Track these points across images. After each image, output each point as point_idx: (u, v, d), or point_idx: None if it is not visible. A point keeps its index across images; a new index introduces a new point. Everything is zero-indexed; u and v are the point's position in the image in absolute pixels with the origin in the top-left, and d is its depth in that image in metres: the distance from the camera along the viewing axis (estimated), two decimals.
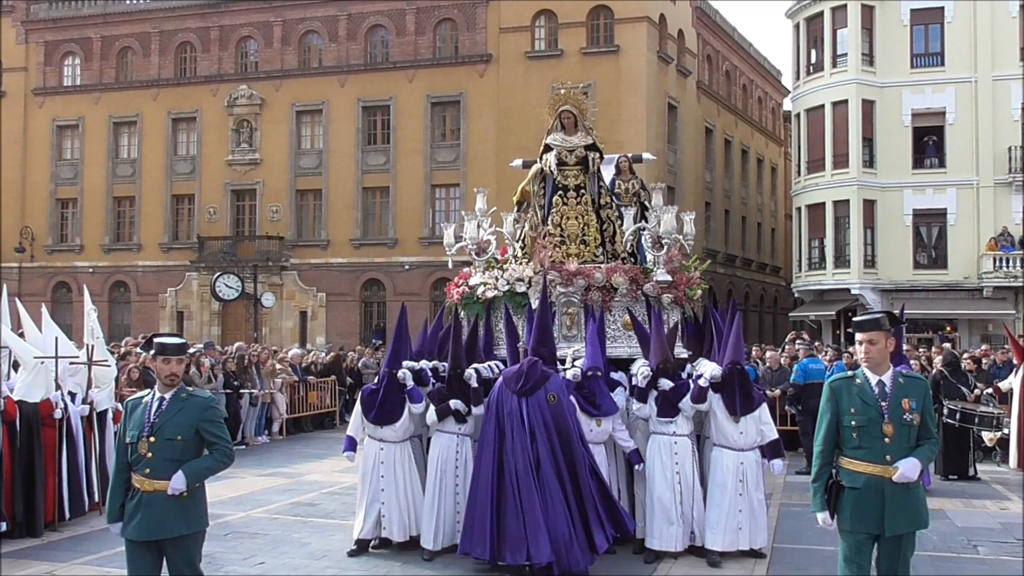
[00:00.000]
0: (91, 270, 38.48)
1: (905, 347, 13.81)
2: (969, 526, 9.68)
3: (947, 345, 19.45)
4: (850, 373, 5.27)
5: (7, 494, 8.56)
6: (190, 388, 5.28)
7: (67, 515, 9.30)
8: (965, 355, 15.74)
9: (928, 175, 30.88)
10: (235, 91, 37.28)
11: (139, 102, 38.65)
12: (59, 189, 39.92)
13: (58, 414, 9.06)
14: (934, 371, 13.43)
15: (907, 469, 4.95)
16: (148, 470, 5.01)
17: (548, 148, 10.11)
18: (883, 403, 5.01)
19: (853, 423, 5.02)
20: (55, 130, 39.95)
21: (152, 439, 5.01)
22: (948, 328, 30.46)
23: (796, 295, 35.09)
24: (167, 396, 5.12)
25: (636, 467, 8.28)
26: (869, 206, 31.04)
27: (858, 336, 5.17)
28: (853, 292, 30.85)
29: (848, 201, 31.10)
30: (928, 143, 31.08)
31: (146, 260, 38.45)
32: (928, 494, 11.18)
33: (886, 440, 4.98)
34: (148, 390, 5.26)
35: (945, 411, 12.41)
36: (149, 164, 38.48)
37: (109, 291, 38.33)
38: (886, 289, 30.60)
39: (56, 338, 9.31)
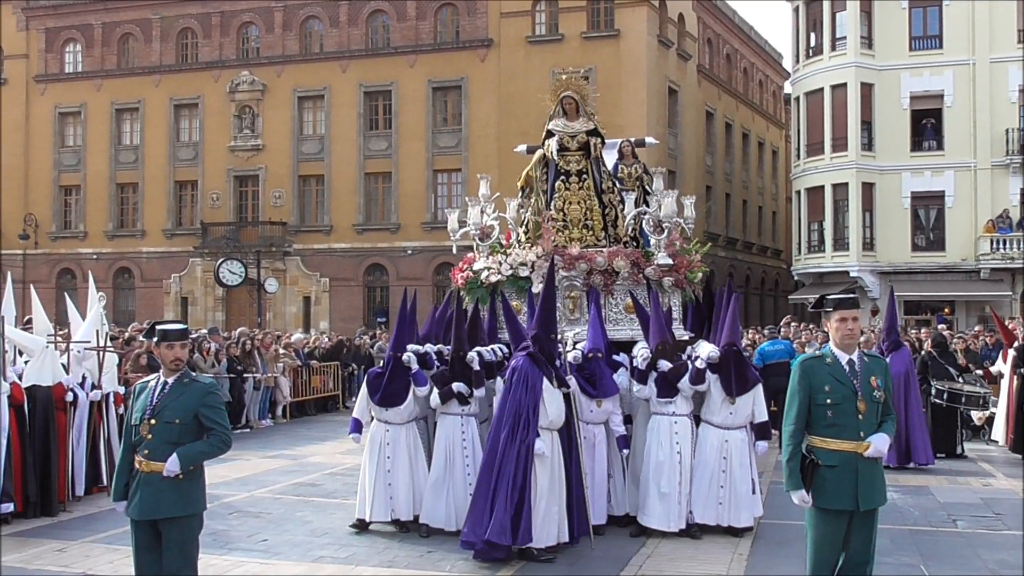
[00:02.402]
0: (95, 256, 38.76)
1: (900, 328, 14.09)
2: (951, 501, 9.96)
3: (942, 326, 19.69)
4: (818, 352, 5.44)
5: (16, 476, 8.84)
6: (193, 373, 5.45)
7: (73, 495, 9.61)
8: (956, 337, 15.98)
9: (926, 158, 30.99)
10: (237, 77, 37.42)
11: (141, 88, 38.80)
12: (62, 176, 40.17)
13: (70, 397, 9.33)
14: (923, 352, 13.66)
15: (879, 444, 5.14)
16: (147, 451, 5.17)
17: (550, 134, 10.31)
18: (855, 381, 5.18)
19: (828, 401, 5.15)
20: (57, 117, 40.14)
21: (153, 421, 5.18)
22: (946, 310, 30.67)
23: (796, 278, 35.31)
24: (170, 380, 5.30)
25: (622, 452, 8.49)
26: (868, 189, 31.20)
27: (841, 313, 5.23)
28: (852, 275, 31.06)
29: (847, 184, 31.25)
30: (926, 126, 31.18)
31: (150, 246, 38.72)
32: (918, 471, 11.53)
33: (859, 417, 5.15)
34: (155, 374, 5.45)
35: (933, 391, 12.65)
36: (151, 151, 38.68)
37: (113, 277, 38.62)
38: (884, 271, 30.80)
39: (70, 323, 9.63)
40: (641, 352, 8.47)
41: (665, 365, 8.30)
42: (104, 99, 39.30)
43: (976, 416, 13.91)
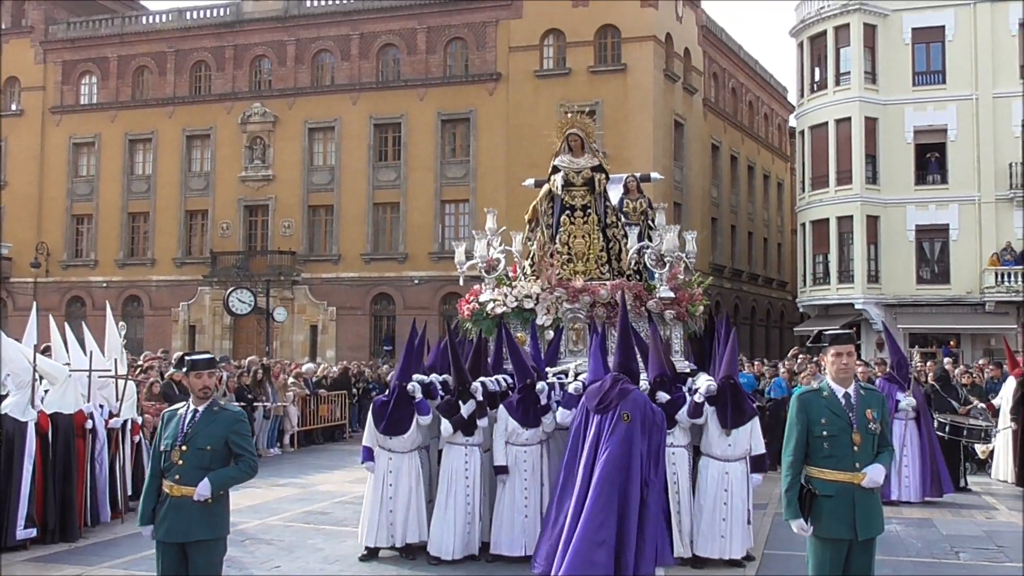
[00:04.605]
0: (105, 284, 39.16)
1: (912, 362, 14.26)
2: (954, 534, 10.09)
3: (947, 360, 19.78)
4: (816, 386, 5.65)
5: (37, 502, 9.03)
6: (222, 402, 5.73)
7: (90, 522, 9.78)
8: (959, 370, 16.11)
9: (930, 191, 31.24)
10: (249, 108, 37.98)
11: (154, 120, 39.39)
12: (75, 205, 40.68)
13: (89, 425, 9.56)
14: (926, 385, 13.80)
15: (875, 474, 5.34)
16: (178, 476, 5.42)
17: (556, 169, 10.62)
18: (850, 414, 5.38)
19: (824, 433, 5.36)
20: (71, 147, 40.75)
21: (184, 448, 5.44)
22: (952, 343, 30.73)
23: (801, 310, 35.43)
24: (200, 409, 5.55)
25: None
26: (872, 222, 31.42)
27: (837, 348, 5.46)
28: (857, 307, 31.19)
29: (852, 217, 31.48)
30: (930, 160, 31.46)
31: (160, 275, 39.09)
32: (922, 504, 11.63)
33: (855, 448, 5.35)
34: (183, 403, 5.68)
35: (935, 424, 12.78)
36: (164, 180, 39.20)
37: (123, 305, 38.89)
38: (889, 304, 30.92)
39: (91, 352, 9.86)
40: (640, 384, 8.66)
41: (663, 397, 8.47)
42: (118, 130, 39.90)
43: (980, 449, 14.02)
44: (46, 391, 9.73)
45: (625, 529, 7.19)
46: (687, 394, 8.62)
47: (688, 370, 9.59)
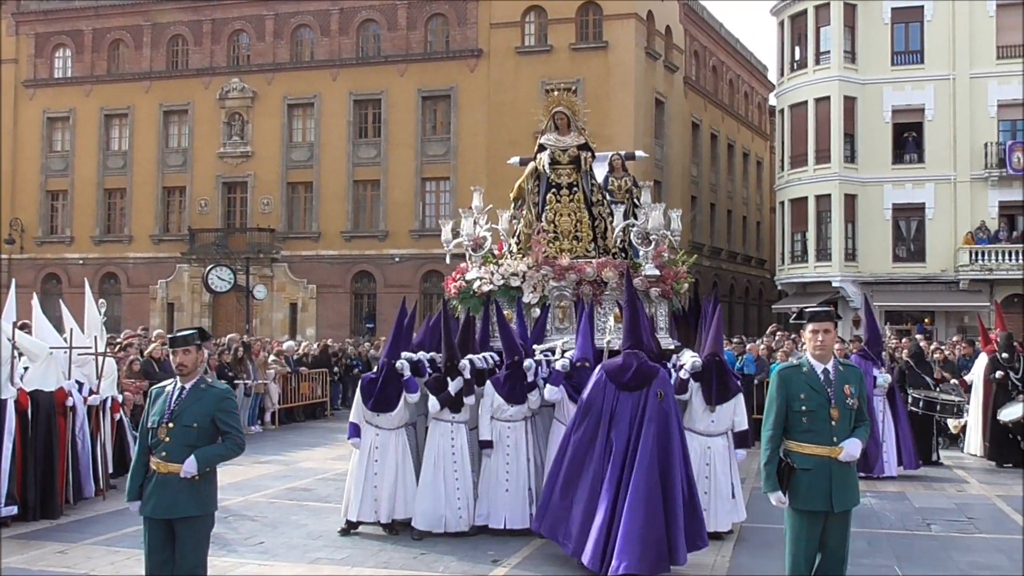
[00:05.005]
0: (81, 262, 38.81)
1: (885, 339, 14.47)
2: (926, 507, 10.32)
3: (919, 336, 20.09)
4: (796, 362, 5.76)
5: (17, 480, 9.02)
6: (209, 379, 5.71)
7: (72, 499, 9.78)
8: (932, 347, 16.36)
9: (907, 170, 31.53)
10: (227, 84, 37.60)
11: (131, 95, 38.90)
12: (49, 181, 40.18)
13: (70, 402, 9.54)
14: (900, 362, 14.02)
15: (851, 448, 5.45)
16: (164, 453, 5.42)
17: (542, 148, 10.65)
18: (829, 390, 5.49)
19: (803, 408, 5.47)
20: (46, 122, 40.18)
21: (171, 425, 5.43)
22: (927, 320, 31.15)
23: (779, 287, 35.75)
24: (187, 386, 5.55)
25: None
26: (850, 200, 31.69)
27: (813, 326, 5.56)
28: (834, 285, 31.52)
29: (830, 196, 31.75)
30: (908, 139, 31.73)
31: (137, 252, 38.77)
32: (896, 478, 11.86)
33: (833, 423, 5.46)
34: (171, 380, 5.67)
35: (909, 399, 13.01)
36: (140, 156, 38.78)
37: (99, 283, 38.56)
38: (866, 282, 31.26)
39: (71, 329, 9.82)
40: None
41: None
42: (93, 105, 39.39)
43: (952, 424, 14.29)
44: (25, 368, 9.70)
45: (672, 508, 7.12)
46: (672, 370, 8.72)
47: (672, 347, 9.70)
